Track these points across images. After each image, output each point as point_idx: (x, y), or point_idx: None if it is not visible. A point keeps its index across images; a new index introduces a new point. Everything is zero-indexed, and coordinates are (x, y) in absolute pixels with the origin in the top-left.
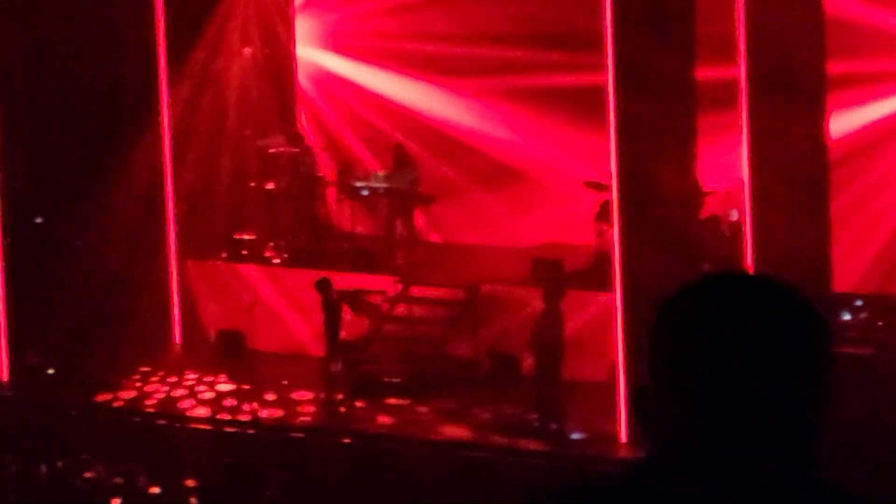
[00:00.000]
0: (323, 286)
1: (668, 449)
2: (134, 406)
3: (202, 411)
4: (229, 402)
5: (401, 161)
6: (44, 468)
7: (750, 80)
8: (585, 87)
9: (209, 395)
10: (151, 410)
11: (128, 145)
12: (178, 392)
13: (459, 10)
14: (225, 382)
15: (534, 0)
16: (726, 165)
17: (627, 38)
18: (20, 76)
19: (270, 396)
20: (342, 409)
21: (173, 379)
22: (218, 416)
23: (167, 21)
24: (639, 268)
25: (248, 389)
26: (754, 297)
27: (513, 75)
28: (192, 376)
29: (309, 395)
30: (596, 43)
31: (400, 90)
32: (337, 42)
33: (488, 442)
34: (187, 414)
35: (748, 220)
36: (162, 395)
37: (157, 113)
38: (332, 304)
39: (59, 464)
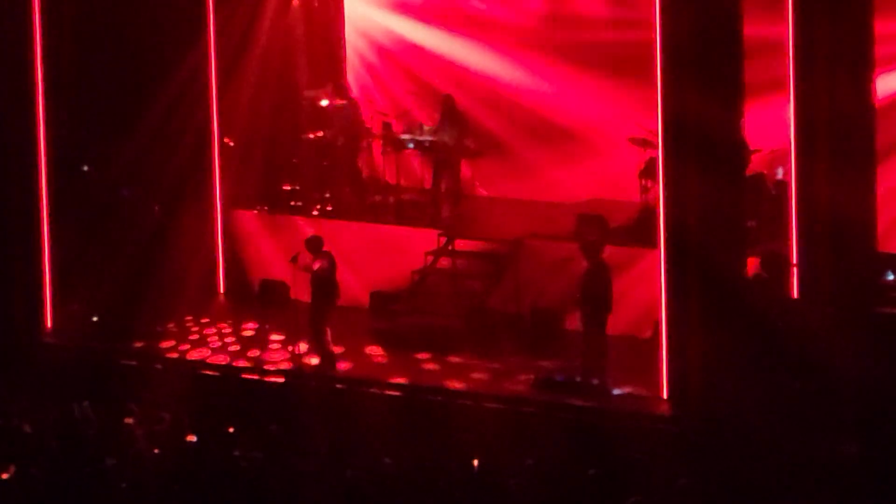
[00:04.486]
0: (313, 244)
1: None
2: (174, 354)
3: (240, 360)
4: (269, 351)
5: (449, 113)
6: (85, 414)
7: (797, 39)
8: (633, 43)
9: (249, 343)
10: (191, 358)
11: (174, 95)
12: (218, 340)
13: None
14: (268, 332)
15: None
16: (772, 124)
17: None
18: (66, 25)
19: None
20: (381, 361)
21: (214, 328)
22: (256, 366)
23: None
24: (683, 225)
25: (287, 339)
26: None
27: (560, 31)
28: (234, 325)
29: (345, 347)
30: None
31: (446, 44)
32: None
33: (530, 396)
34: (225, 363)
35: (793, 178)
36: (203, 344)
37: (204, 61)
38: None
39: (100, 410)
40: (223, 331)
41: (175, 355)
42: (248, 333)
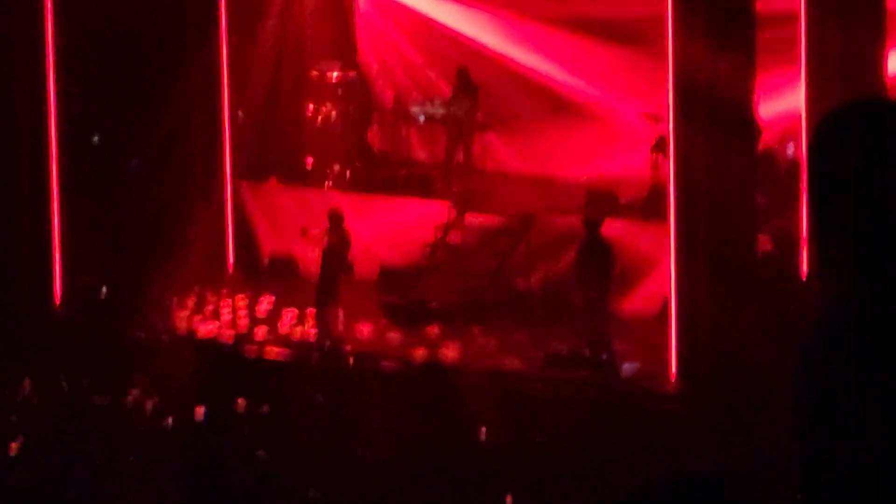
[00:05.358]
0: (330, 218)
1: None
2: (183, 329)
3: (250, 335)
4: (278, 325)
5: (463, 85)
6: (93, 389)
7: (809, 15)
8: (644, 18)
9: (258, 319)
10: (202, 334)
11: (185, 67)
12: (228, 315)
13: None
14: (276, 307)
15: None
16: (784, 99)
17: None
18: None
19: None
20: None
21: (224, 302)
22: (267, 340)
23: None
24: (693, 200)
25: (295, 314)
26: None
27: (572, 4)
28: (243, 300)
29: (353, 321)
30: None
31: (459, 18)
32: None
33: (539, 372)
34: (236, 338)
35: (804, 155)
36: (213, 318)
37: (216, 34)
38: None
39: (109, 385)
40: (233, 305)
41: (184, 330)
42: (258, 308)
